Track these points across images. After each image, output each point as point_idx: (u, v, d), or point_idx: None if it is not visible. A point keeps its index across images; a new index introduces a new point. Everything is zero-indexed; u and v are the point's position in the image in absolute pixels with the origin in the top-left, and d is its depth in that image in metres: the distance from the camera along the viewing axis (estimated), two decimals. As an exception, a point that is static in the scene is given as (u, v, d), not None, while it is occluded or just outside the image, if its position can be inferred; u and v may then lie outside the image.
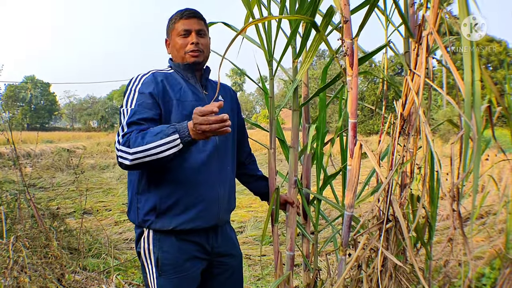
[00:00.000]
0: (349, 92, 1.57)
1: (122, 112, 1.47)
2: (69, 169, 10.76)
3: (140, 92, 1.47)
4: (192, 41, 1.57)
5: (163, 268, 1.51)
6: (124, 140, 1.35)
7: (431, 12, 1.48)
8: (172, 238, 1.51)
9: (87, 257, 3.60)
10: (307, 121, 2.15)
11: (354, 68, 1.55)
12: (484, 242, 4.04)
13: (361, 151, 1.57)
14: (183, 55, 1.59)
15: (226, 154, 1.63)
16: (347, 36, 1.55)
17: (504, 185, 2.42)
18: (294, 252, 2.05)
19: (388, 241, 1.68)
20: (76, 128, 52.19)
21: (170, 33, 1.63)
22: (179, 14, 1.60)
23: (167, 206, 1.48)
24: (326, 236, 4.57)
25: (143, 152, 1.30)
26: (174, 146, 1.29)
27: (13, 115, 47.21)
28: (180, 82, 1.57)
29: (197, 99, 1.56)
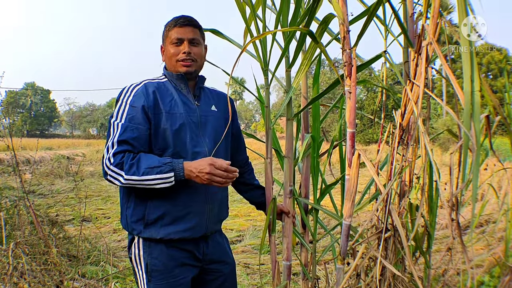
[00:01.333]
0: (347, 101, 1.58)
1: (112, 124, 1.47)
2: (68, 176, 10.75)
3: (131, 105, 1.47)
4: (184, 50, 1.56)
5: (152, 274, 1.51)
6: (116, 161, 1.39)
7: (430, 22, 1.49)
8: (162, 245, 1.52)
9: (86, 265, 3.59)
10: (306, 130, 2.16)
11: (352, 77, 1.56)
12: (483, 250, 4.03)
13: (359, 160, 1.57)
14: (174, 64, 1.58)
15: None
16: (345, 46, 1.56)
17: (504, 193, 2.42)
18: (291, 262, 2.05)
19: (386, 250, 1.68)
20: (76, 135, 52.20)
21: (164, 40, 1.62)
22: (174, 21, 1.58)
23: (154, 217, 1.49)
24: (324, 245, 4.56)
25: (137, 181, 1.38)
26: (167, 182, 1.39)
27: (13, 122, 47.24)
28: (172, 93, 1.56)
29: (187, 111, 1.55)
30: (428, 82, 1.57)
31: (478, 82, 1.26)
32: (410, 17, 1.84)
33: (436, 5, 1.46)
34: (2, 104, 8.12)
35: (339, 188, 2.34)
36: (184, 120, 1.52)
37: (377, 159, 1.63)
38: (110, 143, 1.42)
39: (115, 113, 1.49)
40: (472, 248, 4.09)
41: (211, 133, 1.60)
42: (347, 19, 1.57)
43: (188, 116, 1.54)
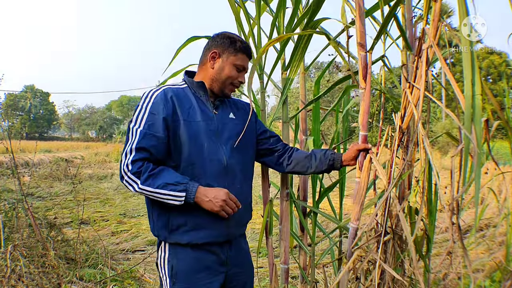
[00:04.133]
0: (361, 104, 1.58)
1: (131, 129, 1.49)
2: (67, 178, 10.71)
3: (150, 112, 1.49)
4: (241, 79, 1.64)
5: (177, 276, 1.54)
6: (134, 169, 1.43)
7: (431, 25, 1.49)
8: (187, 248, 1.55)
9: (84, 267, 3.57)
10: (304, 133, 2.16)
11: (367, 81, 1.56)
12: (484, 254, 4.02)
13: (370, 164, 1.58)
14: (225, 83, 1.62)
15: (235, 174, 1.60)
16: (361, 49, 1.56)
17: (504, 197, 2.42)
18: (288, 265, 2.04)
19: (386, 254, 1.67)
20: (75, 137, 52.18)
21: (226, 54, 1.61)
22: (244, 46, 1.62)
23: (177, 224, 1.52)
24: (323, 248, 4.55)
25: (150, 192, 1.43)
26: (177, 201, 1.43)
27: (12, 124, 47.18)
28: (191, 100, 1.58)
29: (205, 119, 1.56)
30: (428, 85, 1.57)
31: (479, 86, 1.26)
32: (409, 20, 1.85)
33: (437, 8, 1.46)
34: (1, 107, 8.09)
35: (337, 191, 2.33)
36: (201, 128, 1.54)
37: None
38: (128, 149, 1.45)
39: (134, 118, 1.51)
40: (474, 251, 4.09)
41: (228, 140, 1.61)
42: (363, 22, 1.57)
43: (206, 124, 1.55)
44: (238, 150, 1.62)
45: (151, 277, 3.64)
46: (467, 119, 1.23)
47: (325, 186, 2.21)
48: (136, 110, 1.52)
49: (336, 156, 1.72)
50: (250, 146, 1.72)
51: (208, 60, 1.62)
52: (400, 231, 1.66)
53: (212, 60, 1.62)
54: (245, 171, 1.66)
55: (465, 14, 1.31)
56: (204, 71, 1.64)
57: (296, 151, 1.80)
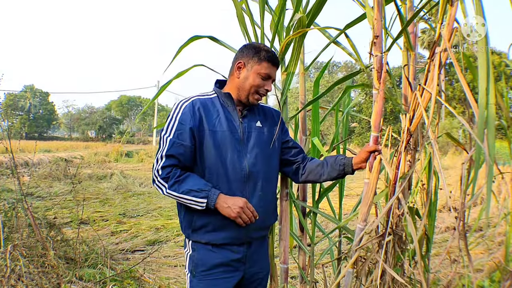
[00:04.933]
0: (374, 104, 1.58)
1: (163, 137, 1.62)
2: (66, 178, 10.71)
3: (180, 122, 1.61)
4: (267, 88, 1.69)
5: (196, 269, 1.65)
6: (163, 174, 1.57)
7: (445, 29, 1.49)
8: (208, 246, 1.65)
9: (83, 267, 3.57)
10: (303, 133, 2.16)
11: (381, 82, 1.56)
12: (483, 254, 4.03)
13: (380, 165, 1.58)
14: (251, 92, 1.67)
15: (258, 181, 1.67)
16: (377, 50, 1.56)
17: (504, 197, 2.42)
18: (288, 265, 2.04)
19: (386, 254, 1.67)
20: (74, 137, 52.10)
21: (251, 63, 1.67)
22: (268, 55, 1.66)
23: (200, 225, 1.63)
24: (322, 248, 4.55)
25: (175, 197, 1.57)
26: (198, 206, 1.55)
27: (12, 124, 47.15)
28: (218, 110, 1.67)
29: (230, 128, 1.64)
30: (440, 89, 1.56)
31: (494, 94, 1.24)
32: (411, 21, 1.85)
33: (452, 12, 1.46)
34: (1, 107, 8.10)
35: (336, 191, 2.33)
36: (227, 137, 1.63)
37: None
38: (159, 156, 1.59)
39: (165, 127, 1.63)
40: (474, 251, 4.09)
41: (252, 148, 1.67)
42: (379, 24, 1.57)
43: (231, 133, 1.64)
44: (262, 158, 1.69)
45: (150, 277, 3.64)
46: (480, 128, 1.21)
47: (324, 186, 2.22)
48: (168, 119, 1.64)
49: (346, 161, 1.73)
50: (275, 154, 1.77)
51: (235, 70, 1.69)
52: (401, 231, 1.66)
53: (238, 70, 1.69)
54: (268, 178, 1.71)
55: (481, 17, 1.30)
56: (232, 81, 1.71)
57: (310, 161, 1.85)
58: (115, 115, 55.66)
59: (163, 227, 5.87)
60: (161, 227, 5.89)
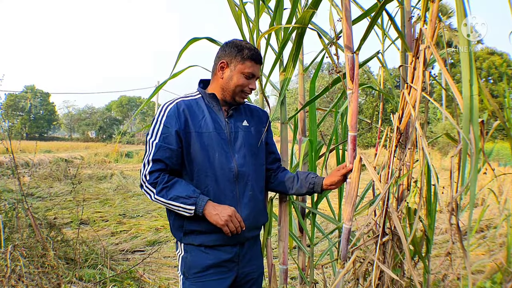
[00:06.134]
0: (349, 104, 1.58)
1: (148, 141, 1.59)
2: (66, 179, 10.73)
3: (165, 125, 1.58)
4: (252, 87, 1.66)
5: (189, 271, 1.63)
6: (151, 180, 1.55)
7: (428, 26, 1.49)
8: (201, 248, 1.63)
9: (83, 268, 3.57)
10: (303, 134, 2.16)
11: (354, 82, 1.56)
12: (484, 256, 4.02)
13: (360, 164, 1.57)
14: (235, 92, 1.64)
15: (247, 180, 1.66)
16: (348, 50, 1.56)
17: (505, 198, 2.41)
18: (287, 266, 2.04)
19: (384, 255, 1.67)
20: (74, 138, 52.13)
21: (234, 63, 1.63)
22: (251, 53, 1.63)
23: (190, 229, 1.61)
24: (322, 249, 4.55)
25: (163, 203, 1.55)
26: (186, 212, 1.54)
27: (13, 125, 47.18)
28: (204, 110, 1.64)
29: (216, 128, 1.62)
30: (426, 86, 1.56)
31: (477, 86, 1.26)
32: (407, 21, 1.85)
33: (434, 9, 1.47)
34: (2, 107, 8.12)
35: (336, 192, 2.33)
36: (213, 138, 1.61)
37: (375, 163, 1.63)
38: (146, 160, 1.57)
39: (150, 131, 1.61)
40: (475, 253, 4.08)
41: (240, 148, 1.66)
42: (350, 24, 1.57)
43: (217, 134, 1.62)
44: (250, 157, 1.67)
45: (150, 277, 3.64)
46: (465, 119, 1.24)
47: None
48: (152, 123, 1.62)
49: (317, 180, 1.72)
50: (262, 153, 1.76)
51: (218, 70, 1.66)
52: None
53: (221, 70, 1.65)
54: (257, 178, 1.70)
55: (463, 14, 1.31)
56: (215, 81, 1.68)
57: (282, 172, 1.84)
58: (115, 116, 55.68)
59: (163, 228, 5.87)
60: (161, 227, 5.90)
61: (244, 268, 1.69)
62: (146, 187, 1.56)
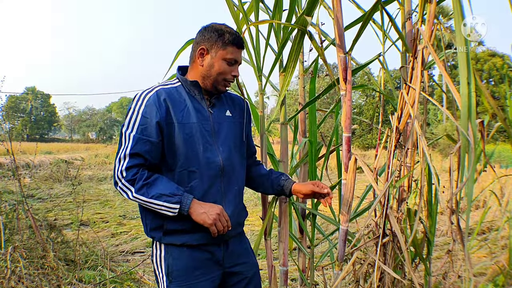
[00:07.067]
0: (343, 105, 1.57)
1: (124, 134, 1.44)
2: (67, 180, 10.73)
3: (143, 115, 1.43)
4: (234, 73, 1.54)
5: (173, 274, 1.49)
6: (129, 176, 1.40)
7: (426, 26, 1.49)
8: (183, 248, 1.51)
9: (83, 269, 3.56)
10: (303, 135, 2.15)
11: (347, 83, 1.55)
12: (486, 258, 4.00)
13: (356, 165, 1.56)
14: (218, 80, 1.52)
15: (232, 175, 1.56)
16: (340, 51, 1.55)
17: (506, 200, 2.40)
18: (287, 267, 2.03)
19: (385, 256, 1.66)
20: (75, 139, 52.20)
21: (215, 49, 1.50)
22: (232, 38, 1.50)
23: (172, 227, 1.48)
24: (322, 250, 4.54)
25: (144, 202, 1.41)
26: (170, 212, 1.40)
27: (14, 126, 47.23)
28: (185, 100, 1.51)
29: (200, 119, 1.50)
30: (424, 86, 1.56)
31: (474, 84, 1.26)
32: (407, 22, 1.85)
33: (432, 9, 1.46)
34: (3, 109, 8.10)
35: (336, 192, 2.32)
36: (197, 129, 1.48)
37: (375, 164, 1.62)
38: (122, 154, 1.42)
39: (126, 122, 1.46)
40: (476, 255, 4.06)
41: (225, 140, 1.55)
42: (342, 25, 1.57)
43: (201, 124, 1.49)
44: (234, 150, 1.58)
45: (150, 278, 3.63)
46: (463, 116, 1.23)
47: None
48: (129, 113, 1.46)
49: (287, 184, 1.65)
50: (243, 144, 1.67)
51: (197, 57, 1.52)
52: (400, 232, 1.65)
53: (200, 57, 1.52)
54: (241, 172, 1.63)
55: (460, 14, 1.31)
56: (194, 68, 1.55)
57: (256, 166, 1.76)
58: (115, 117, 55.71)
59: (164, 229, 5.85)
60: (161, 228, 5.88)
61: (232, 267, 1.59)
62: (122, 185, 1.41)
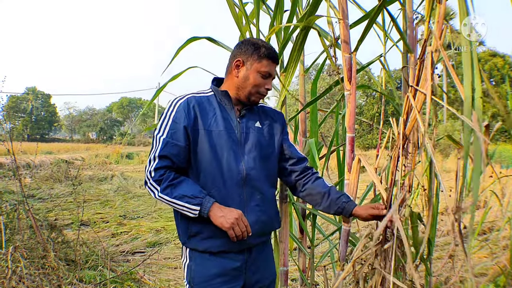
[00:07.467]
0: (347, 105, 1.57)
1: (156, 137, 1.53)
2: (67, 180, 10.73)
3: (173, 121, 1.52)
4: (268, 86, 1.60)
5: (194, 281, 1.55)
6: (156, 177, 1.48)
7: (435, 27, 1.45)
8: (205, 255, 1.56)
9: (84, 269, 3.56)
10: (303, 135, 2.15)
11: (352, 83, 1.55)
12: (487, 258, 4.00)
13: (359, 165, 1.56)
14: (251, 92, 1.58)
15: (256, 183, 1.57)
16: (345, 51, 1.55)
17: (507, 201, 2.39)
18: (288, 268, 2.03)
19: (385, 259, 1.66)
20: (75, 139, 52.19)
21: (250, 61, 1.57)
22: (268, 52, 1.57)
23: (195, 231, 1.54)
24: (323, 250, 4.54)
25: (167, 202, 1.48)
26: (191, 213, 1.46)
27: (14, 126, 47.25)
28: (215, 108, 1.57)
29: (228, 128, 1.55)
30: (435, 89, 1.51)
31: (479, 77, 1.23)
32: (409, 23, 1.84)
33: (441, 10, 1.43)
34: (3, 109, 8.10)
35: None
36: (223, 138, 1.53)
37: (376, 164, 1.62)
38: (152, 156, 1.50)
39: (158, 126, 1.54)
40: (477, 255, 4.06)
41: (251, 150, 1.58)
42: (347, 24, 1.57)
43: (228, 133, 1.54)
44: (260, 160, 1.59)
45: (150, 278, 3.64)
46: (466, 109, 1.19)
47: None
48: (161, 118, 1.55)
49: (347, 206, 1.59)
50: (274, 156, 1.67)
51: (233, 69, 1.60)
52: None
53: (236, 69, 1.59)
54: (267, 182, 1.62)
55: (465, 13, 1.30)
56: (230, 79, 1.62)
57: (313, 181, 1.69)
58: (116, 117, 55.75)
59: (163, 229, 5.86)
60: (161, 229, 5.89)
61: (253, 276, 1.61)
62: (150, 184, 1.49)
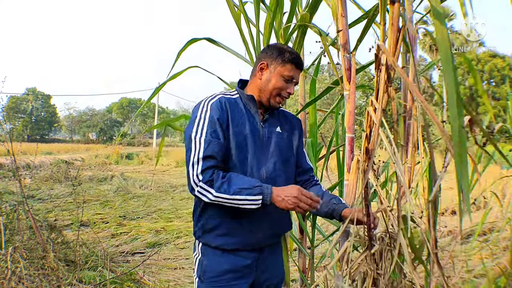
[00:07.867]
0: (346, 105, 1.57)
1: (194, 139, 1.49)
2: (67, 180, 10.72)
3: (210, 120, 1.51)
4: (289, 91, 1.61)
5: (205, 275, 1.58)
6: (206, 178, 1.43)
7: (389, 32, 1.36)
8: (217, 251, 1.58)
9: (84, 270, 3.56)
10: (303, 135, 2.15)
11: (351, 82, 1.54)
12: (487, 259, 3.99)
13: (358, 166, 1.55)
14: (273, 94, 1.60)
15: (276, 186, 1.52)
16: (344, 50, 1.55)
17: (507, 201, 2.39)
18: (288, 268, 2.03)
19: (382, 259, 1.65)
20: (75, 140, 52.18)
21: (274, 65, 1.59)
22: (292, 57, 1.59)
23: (211, 226, 1.56)
24: (323, 251, 4.53)
25: (227, 200, 1.42)
26: (254, 204, 1.42)
27: (14, 127, 47.24)
28: (242, 111, 1.59)
29: (252, 131, 1.57)
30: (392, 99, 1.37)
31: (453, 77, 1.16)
32: (409, 22, 1.84)
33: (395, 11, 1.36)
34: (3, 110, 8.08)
35: (337, 193, 2.32)
36: (248, 140, 1.55)
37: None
38: (195, 159, 1.46)
39: (194, 128, 1.51)
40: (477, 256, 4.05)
41: (272, 154, 1.61)
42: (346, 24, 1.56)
43: (253, 137, 1.57)
44: (280, 165, 1.62)
45: (150, 279, 3.63)
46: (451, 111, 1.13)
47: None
48: (195, 120, 1.53)
49: (337, 208, 1.59)
50: (292, 161, 1.70)
51: (257, 71, 1.62)
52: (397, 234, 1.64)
53: (260, 71, 1.62)
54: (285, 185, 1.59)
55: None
56: (253, 82, 1.64)
57: (311, 187, 1.74)
58: (116, 118, 55.74)
59: (163, 230, 5.86)
60: (161, 229, 5.89)
61: (262, 275, 1.64)
62: (200, 188, 1.44)
